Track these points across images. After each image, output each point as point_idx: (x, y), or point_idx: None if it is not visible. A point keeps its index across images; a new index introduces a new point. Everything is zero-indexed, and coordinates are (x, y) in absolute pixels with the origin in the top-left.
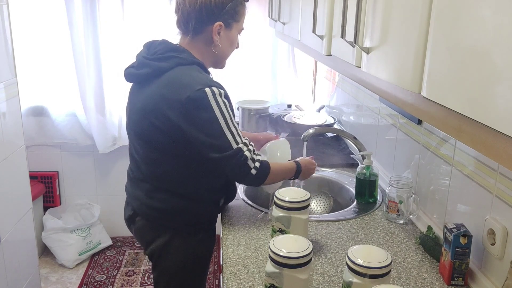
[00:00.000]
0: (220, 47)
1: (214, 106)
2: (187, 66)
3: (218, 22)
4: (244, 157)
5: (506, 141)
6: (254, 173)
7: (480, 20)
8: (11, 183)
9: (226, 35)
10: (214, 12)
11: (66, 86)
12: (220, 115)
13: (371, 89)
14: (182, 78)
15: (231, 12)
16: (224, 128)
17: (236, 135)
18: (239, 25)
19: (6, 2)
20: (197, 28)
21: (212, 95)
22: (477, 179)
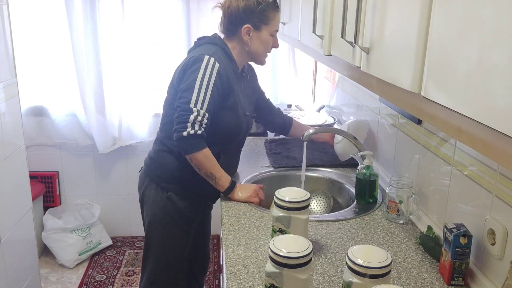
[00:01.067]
0: (251, 46)
1: (202, 69)
2: (211, 44)
3: (246, 25)
4: (187, 117)
5: (506, 141)
6: (184, 135)
7: (480, 20)
8: (11, 183)
9: (256, 36)
10: (242, 16)
11: (66, 86)
12: (201, 76)
13: (371, 89)
14: (200, 49)
15: (259, 16)
16: (196, 87)
17: (200, 100)
18: (270, 27)
19: (6, 2)
20: (230, 30)
21: (207, 61)
22: (477, 179)
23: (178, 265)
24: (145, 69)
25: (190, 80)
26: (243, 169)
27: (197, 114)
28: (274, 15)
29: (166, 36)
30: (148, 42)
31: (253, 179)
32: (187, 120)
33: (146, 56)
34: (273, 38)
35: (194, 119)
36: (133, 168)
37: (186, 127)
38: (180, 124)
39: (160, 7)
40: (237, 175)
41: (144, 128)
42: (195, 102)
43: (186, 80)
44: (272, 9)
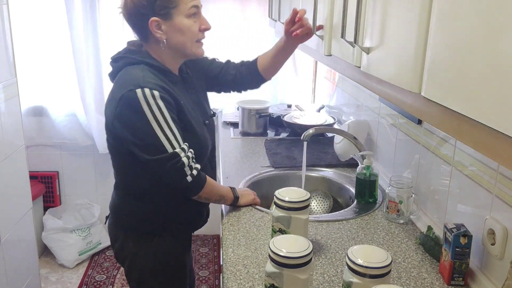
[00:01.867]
0: (169, 41)
1: (145, 108)
2: (134, 66)
3: (150, 19)
4: (181, 162)
5: (506, 141)
6: (189, 180)
7: (480, 20)
8: (11, 183)
9: (169, 26)
10: (141, 12)
11: (66, 86)
12: (152, 117)
13: (371, 89)
14: (123, 77)
15: (161, 3)
16: (157, 130)
17: (173, 139)
18: (181, 9)
19: (6, 2)
20: (140, 33)
21: (143, 96)
22: (477, 179)
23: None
24: None
25: (143, 128)
26: (243, 169)
27: (184, 153)
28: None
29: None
30: None
31: (253, 179)
32: (183, 165)
33: None
34: (196, 18)
35: (187, 159)
36: None
37: (185, 173)
38: (177, 174)
39: None
40: (237, 175)
41: None
42: (170, 145)
43: (136, 129)
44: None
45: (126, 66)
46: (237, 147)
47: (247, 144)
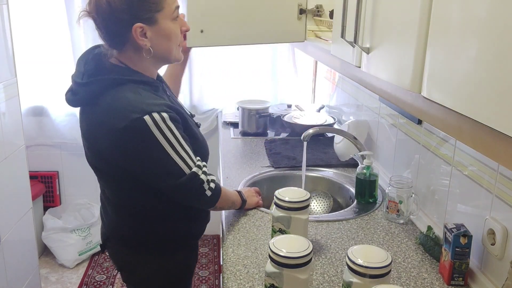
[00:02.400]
0: (156, 48)
1: (158, 135)
2: (120, 87)
3: (135, 25)
4: (200, 181)
5: (506, 141)
6: (209, 194)
7: (480, 20)
8: (11, 183)
9: (154, 32)
10: (123, 17)
11: (66, 86)
12: (166, 142)
13: (371, 89)
14: (117, 104)
15: (144, 7)
16: (173, 155)
17: (188, 159)
18: (166, 13)
19: (6, 2)
20: (117, 42)
21: (153, 123)
22: (477, 179)
23: None
24: None
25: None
26: (243, 169)
27: (200, 170)
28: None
29: None
30: None
31: (253, 179)
32: (202, 183)
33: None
34: (177, 21)
35: (205, 175)
36: None
37: (204, 189)
38: (197, 191)
39: None
40: (237, 176)
41: None
42: (186, 165)
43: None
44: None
45: (108, 90)
46: (237, 147)
47: (247, 144)
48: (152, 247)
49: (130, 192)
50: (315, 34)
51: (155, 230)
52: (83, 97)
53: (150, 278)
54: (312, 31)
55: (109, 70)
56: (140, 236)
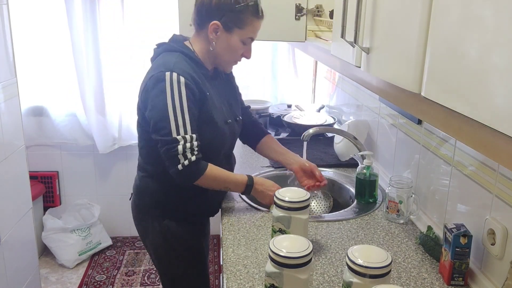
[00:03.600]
0: (216, 47)
1: (168, 90)
2: (170, 52)
3: (214, 21)
4: (175, 149)
5: (506, 141)
6: (180, 168)
7: (480, 20)
8: (11, 183)
9: (225, 37)
10: (213, 10)
11: (66, 86)
12: (170, 99)
13: (371, 89)
14: (158, 61)
15: (233, 16)
16: (170, 113)
17: (181, 126)
18: (243, 33)
19: (6, 2)
20: (198, 23)
21: (170, 79)
22: (477, 179)
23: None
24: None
25: (159, 107)
26: (243, 169)
27: (183, 141)
28: (252, 20)
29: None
30: (149, 42)
31: None
32: (176, 152)
33: (146, 56)
34: (246, 46)
35: (183, 148)
36: (133, 168)
37: (178, 161)
38: (170, 160)
39: (160, 7)
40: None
41: None
42: (176, 130)
43: (154, 107)
44: (252, 13)
45: (164, 52)
46: (237, 147)
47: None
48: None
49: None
50: (315, 34)
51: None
52: (152, 58)
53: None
54: (312, 31)
55: (174, 41)
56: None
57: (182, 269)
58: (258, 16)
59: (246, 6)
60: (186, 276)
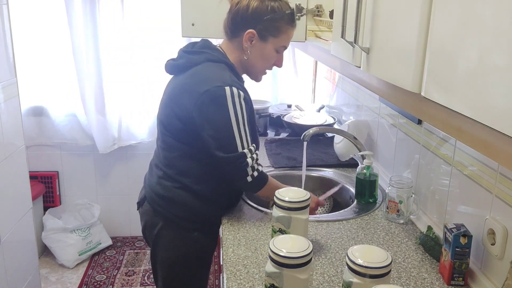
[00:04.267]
0: (250, 56)
1: (230, 106)
2: (215, 63)
3: (250, 30)
4: (245, 163)
5: (506, 141)
6: (249, 180)
7: (480, 20)
8: (11, 183)
9: (259, 46)
10: (248, 19)
11: (66, 86)
12: (233, 115)
13: (371, 89)
14: (206, 72)
15: (268, 25)
16: (235, 129)
17: (244, 139)
18: (277, 42)
19: (6, 2)
20: (233, 31)
21: (231, 94)
22: (477, 179)
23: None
24: (145, 69)
25: (223, 123)
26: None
27: (250, 154)
28: (287, 29)
29: (166, 36)
30: (149, 42)
31: None
32: (247, 166)
33: (146, 56)
34: (278, 54)
35: (252, 161)
36: (133, 168)
37: (247, 173)
38: (240, 173)
39: (160, 7)
40: None
41: (144, 129)
42: (241, 144)
43: (216, 124)
44: (287, 22)
45: (206, 62)
46: None
47: None
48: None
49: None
50: (315, 34)
51: (183, 202)
52: (183, 64)
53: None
54: (312, 31)
55: (213, 49)
56: (169, 203)
57: (191, 278)
58: (293, 24)
59: (282, 14)
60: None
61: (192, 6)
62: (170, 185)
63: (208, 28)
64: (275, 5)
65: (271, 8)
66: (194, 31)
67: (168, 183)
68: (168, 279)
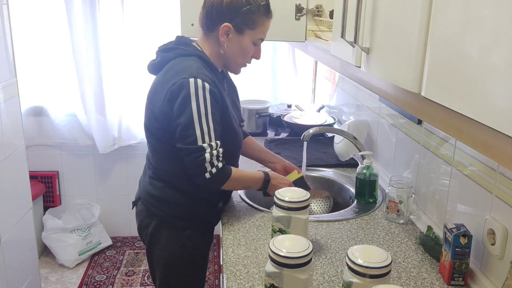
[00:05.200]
0: (227, 50)
1: (192, 97)
2: (187, 57)
3: (226, 23)
4: (202, 158)
5: (506, 141)
6: (208, 177)
7: (480, 20)
8: (11, 183)
9: (236, 39)
10: (224, 12)
11: (66, 86)
12: (195, 107)
13: (371, 89)
14: (177, 67)
15: (245, 17)
16: (195, 121)
17: (206, 133)
18: (254, 34)
19: (6, 2)
20: (208, 26)
21: (194, 86)
22: (477, 179)
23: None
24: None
25: (185, 115)
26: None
27: (210, 149)
28: (263, 21)
29: (166, 35)
30: (148, 42)
31: None
32: (204, 160)
33: (146, 56)
34: (256, 47)
35: (210, 156)
36: (133, 168)
37: (205, 169)
38: (197, 168)
39: (160, 7)
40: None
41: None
42: (201, 138)
43: (179, 115)
44: (263, 13)
45: (178, 57)
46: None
47: None
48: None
49: (165, 155)
50: (315, 34)
51: (176, 202)
52: (159, 62)
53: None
54: (312, 31)
55: (186, 44)
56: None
57: (188, 277)
58: (269, 16)
59: (258, 6)
60: (188, 282)
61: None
62: (160, 185)
63: None
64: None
65: (246, 0)
66: (193, 31)
67: (158, 183)
68: (164, 277)
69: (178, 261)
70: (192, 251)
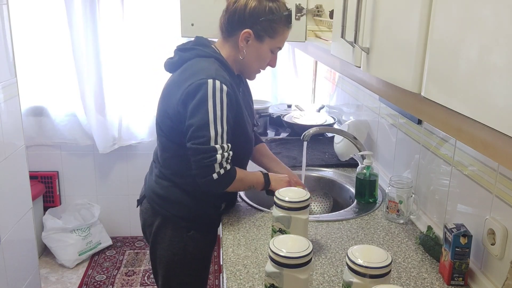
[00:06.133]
0: (246, 56)
1: (210, 98)
2: (204, 58)
3: (247, 30)
4: (213, 158)
5: (506, 141)
6: (215, 177)
7: (480, 20)
8: (11, 183)
9: (255, 46)
10: (245, 18)
11: (66, 86)
12: (211, 108)
13: (371, 89)
14: (194, 67)
15: (266, 25)
16: (211, 122)
17: (219, 135)
18: (273, 42)
19: (6, 2)
20: (228, 30)
21: (212, 87)
22: (477, 179)
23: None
24: (145, 69)
25: (200, 115)
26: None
27: (221, 151)
28: (283, 30)
29: (166, 35)
30: (149, 42)
31: None
32: (214, 161)
33: (146, 56)
34: (273, 55)
35: (221, 158)
36: (133, 168)
37: (213, 170)
38: (204, 168)
39: (160, 7)
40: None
41: (144, 128)
42: (215, 139)
43: (194, 115)
44: (284, 23)
45: (195, 58)
46: None
47: None
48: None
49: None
50: (315, 34)
51: (181, 202)
52: (177, 61)
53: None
54: (312, 31)
55: (205, 45)
56: (167, 202)
57: (190, 277)
58: (289, 26)
59: (280, 16)
60: (190, 282)
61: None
62: (167, 184)
63: (207, 28)
64: (273, 6)
65: (269, 9)
66: (193, 31)
67: (164, 182)
68: (167, 277)
69: (180, 261)
70: (195, 252)
